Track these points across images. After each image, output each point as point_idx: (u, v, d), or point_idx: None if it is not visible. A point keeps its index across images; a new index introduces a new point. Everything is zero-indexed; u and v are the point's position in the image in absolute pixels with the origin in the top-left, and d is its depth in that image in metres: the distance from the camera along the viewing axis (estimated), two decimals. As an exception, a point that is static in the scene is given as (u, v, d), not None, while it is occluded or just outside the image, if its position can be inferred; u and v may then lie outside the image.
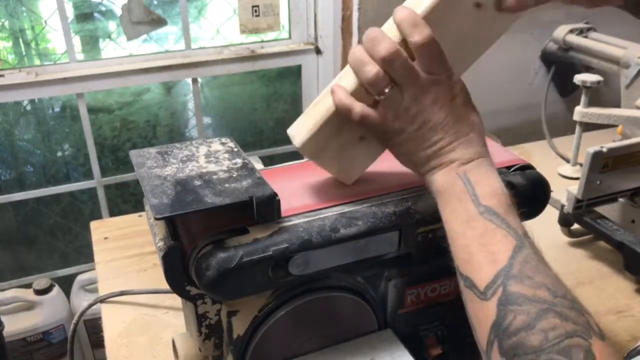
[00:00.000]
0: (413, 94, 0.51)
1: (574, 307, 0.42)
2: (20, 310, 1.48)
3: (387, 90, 0.51)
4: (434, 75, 0.51)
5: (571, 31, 1.47)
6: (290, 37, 1.52)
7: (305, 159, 0.70)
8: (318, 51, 1.50)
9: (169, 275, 0.53)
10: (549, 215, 0.96)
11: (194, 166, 0.57)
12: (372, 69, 0.50)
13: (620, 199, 0.94)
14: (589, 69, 1.45)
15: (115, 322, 0.83)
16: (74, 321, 0.85)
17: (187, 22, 1.41)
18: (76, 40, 1.42)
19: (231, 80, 1.61)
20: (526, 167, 0.65)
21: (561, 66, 1.56)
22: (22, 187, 1.53)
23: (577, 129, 1.20)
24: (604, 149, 0.86)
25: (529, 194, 0.61)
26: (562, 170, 1.28)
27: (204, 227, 0.53)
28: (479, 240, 0.47)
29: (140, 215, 1.11)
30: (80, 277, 1.54)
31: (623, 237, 0.88)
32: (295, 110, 1.67)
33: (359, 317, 0.62)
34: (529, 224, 0.62)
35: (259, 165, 0.69)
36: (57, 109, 1.54)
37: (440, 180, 0.51)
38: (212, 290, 0.51)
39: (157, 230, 0.56)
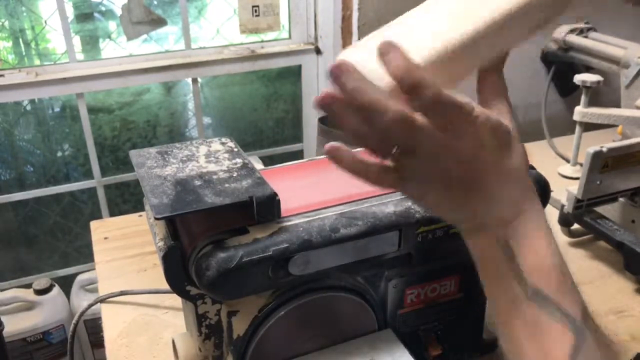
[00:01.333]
0: (429, 155, 0.40)
1: None
2: (20, 310, 1.48)
3: (394, 152, 0.40)
4: (451, 131, 0.39)
5: (571, 31, 1.47)
6: (290, 37, 1.52)
7: (306, 159, 0.70)
8: (318, 51, 1.50)
9: (169, 275, 0.53)
10: (549, 215, 0.96)
11: (194, 166, 0.57)
12: (372, 142, 0.40)
13: (621, 199, 0.94)
14: (589, 69, 1.45)
15: (115, 322, 0.83)
16: (74, 321, 0.85)
17: (187, 22, 1.41)
18: (76, 40, 1.42)
19: (231, 80, 1.61)
20: (526, 167, 0.64)
21: (561, 66, 1.56)
22: (22, 187, 1.53)
23: (577, 128, 1.20)
24: (604, 149, 0.86)
25: (529, 194, 0.61)
26: (562, 170, 1.28)
27: (204, 227, 0.53)
28: (530, 331, 0.40)
29: (140, 215, 1.11)
30: (80, 277, 1.54)
31: (623, 237, 0.88)
32: (295, 110, 1.68)
33: (359, 317, 0.62)
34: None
35: (259, 165, 0.69)
36: (57, 109, 1.54)
37: (477, 246, 0.43)
38: (212, 290, 0.51)
39: (157, 230, 0.56)
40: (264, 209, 0.52)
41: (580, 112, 1.17)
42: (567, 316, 0.39)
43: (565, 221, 0.98)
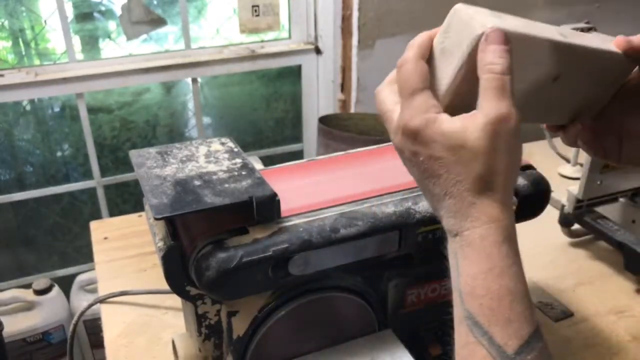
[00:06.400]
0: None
1: None
2: (19, 311, 1.47)
3: None
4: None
5: (571, 31, 1.46)
6: (290, 37, 1.52)
7: (306, 159, 0.69)
8: (318, 51, 1.49)
9: (169, 276, 0.53)
10: (550, 215, 0.96)
11: (194, 166, 0.57)
12: None
13: (621, 199, 0.94)
14: (589, 68, 1.45)
15: (114, 323, 0.83)
16: (73, 321, 0.85)
17: (187, 22, 1.41)
18: (76, 40, 1.41)
19: (231, 80, 1.61)
20: (526, 167, 0.64)
21: (561, 66, 1.56)
22: (21, 187, 1.52)
23: (578, 128, 1.20)
24: (605, 149, 0.85)
25: (529, 194, 0.61)
26: (563, 170, 1.28)
27: (203, 227, 0.53)
28: (461, 353, 0.38)
29: (140, 215, 1.11)
30: (79, 277, 1.54)
31: (623, 237, 0.88)
32: (295, 110, 1.67)
33: (359, 317, 0.62)
34: (529, 225, 0.62)
35: (259, 165, 0.69)
36: (56, 109, 1.54)
37: (445, 250, 0.42)
38: (211, 291, 0.51)
39: (157, 231, 0.56)
40: (264, 209, 0.52)
41: (581, 112, 1.16)
42: (494, 344, 0.36)
43: (565, 221, 0.98)
